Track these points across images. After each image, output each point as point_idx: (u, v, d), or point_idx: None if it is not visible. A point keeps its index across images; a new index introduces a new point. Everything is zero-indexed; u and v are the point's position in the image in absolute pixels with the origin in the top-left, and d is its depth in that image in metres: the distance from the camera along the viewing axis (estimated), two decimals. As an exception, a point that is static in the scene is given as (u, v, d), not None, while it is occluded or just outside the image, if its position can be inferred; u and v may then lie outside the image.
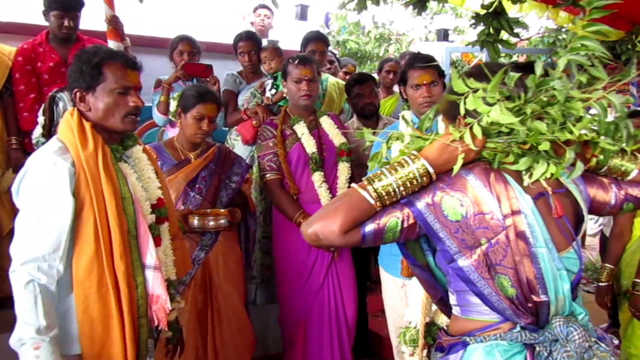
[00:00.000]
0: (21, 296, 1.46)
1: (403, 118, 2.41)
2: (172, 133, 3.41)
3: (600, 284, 2.68)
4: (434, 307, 1.57)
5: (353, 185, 1.27)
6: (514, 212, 1.19)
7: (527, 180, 1.25)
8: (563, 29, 5.30)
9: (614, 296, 2.68)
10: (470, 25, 3.12)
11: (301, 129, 2.73)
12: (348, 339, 2.78)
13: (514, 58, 5.69)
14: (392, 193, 1.21)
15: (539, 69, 1.21)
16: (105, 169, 1.58)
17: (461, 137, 1.22)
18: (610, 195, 1.37)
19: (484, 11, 2.89)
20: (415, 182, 1.22)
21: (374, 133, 1.42)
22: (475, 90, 1.21)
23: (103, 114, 1.63)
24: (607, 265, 2.66)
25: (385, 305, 2.54)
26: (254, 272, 3.07)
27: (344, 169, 2.75)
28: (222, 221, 2.39)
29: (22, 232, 1.51)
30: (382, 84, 4.23)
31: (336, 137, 2.80)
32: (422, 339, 1.49)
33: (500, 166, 1.26)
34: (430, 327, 1.59)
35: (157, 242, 1.72)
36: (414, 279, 1.58)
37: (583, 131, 1.26)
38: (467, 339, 1.28)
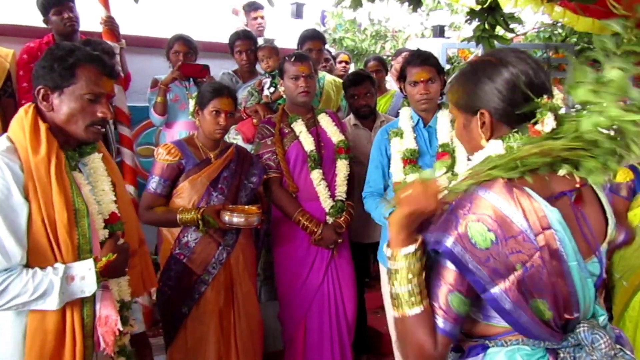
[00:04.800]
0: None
1: (404, 115, 2.46)
2: (168, 134, 3.42)
3: None
4: None
5: (394, 314, 1.18)
6: (544, 229, 1.07)
7: (563, 171, 1.16)
8: (558, 24, 5.31)
9: (607, 290, 2.67)
10: (466, 21, 3.14)
11: (299, 127, 2.73)
12: (348, 335, 2.79)
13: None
14: (414, 290, 1.12)
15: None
16: (58, 178, 1.45)
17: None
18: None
19: (479, 7, 2.90)
20: (417, 265, 1.13)
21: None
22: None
23: (66, 118, 1.51)
24: None
25: (385, 300, 2.56)
26: (259, 269, 3.08)
27: (342, 167, 2.76)
28: (255, 219, 2.34)
29: None
30: None
31: (334, 135, 2.80)
32: None
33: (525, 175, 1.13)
34: None
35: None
36: None
37: None
38: (487, 342, 1.21)
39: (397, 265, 1.14)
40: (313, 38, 3.55)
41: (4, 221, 1.37)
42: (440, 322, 1.12)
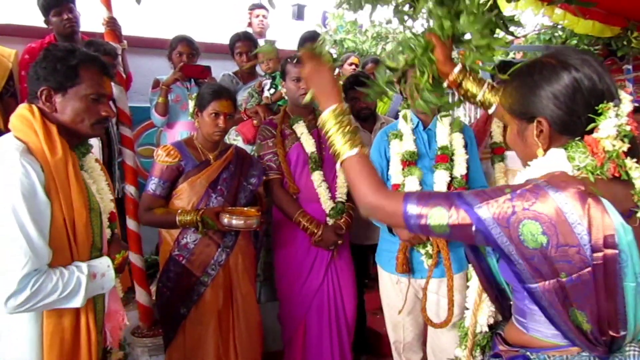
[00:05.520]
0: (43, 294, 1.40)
1: (404, 117, 2.47)
2: (169, 134, 3.43)
3: None
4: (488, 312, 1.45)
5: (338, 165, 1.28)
6: (608, 246, 0.98)
7: None
8: (559, 26, 5.32)
9: None
10: (466, 24, 3.13)
11: (300, 128, 2.74)
12: (347, 336, 2.80)
13: (511, 55, 5.70)
14: (346, 137, 1.23)
15: None
16: (77, 178, 1.50)
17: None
18: None
19: (479, 10, 2.90)
20: (343, 120, 1.25)
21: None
22: None
23: (72, 118, 1.53)
24: None
25: (383, 302, 2.56)
26: (258, 270, 3.09)
27: (342, 168, 2.76)
28: (254, 221, 2.34)
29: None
30: None
31: (335, 136, 2.80)
32: (472, 340, 1.42)
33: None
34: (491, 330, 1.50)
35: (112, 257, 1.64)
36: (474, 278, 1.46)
37: None
38: (528, 354, 1.16)
39: (327, 123, 1.25)
40: (313, 40, 3.56)
41: (32, 222, 1.37)
42: (410, 205, 1.11)
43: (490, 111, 1.56)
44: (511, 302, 1.32)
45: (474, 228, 1.05)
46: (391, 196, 1.17)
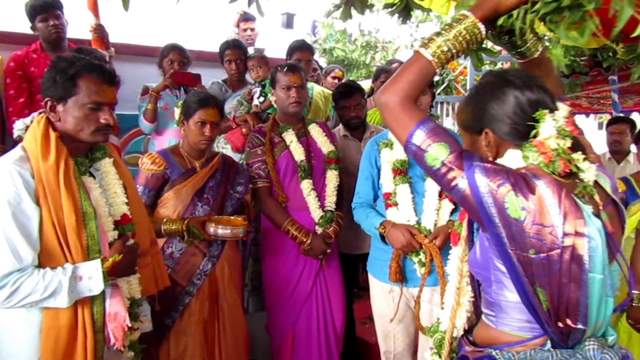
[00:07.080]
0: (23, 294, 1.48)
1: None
2: (158, 141, 3.40)
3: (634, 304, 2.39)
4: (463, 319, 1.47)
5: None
6: (578, 234, 1.11)
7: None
8: (546, 37, 5.39)
9: None
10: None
11: (290, 136, 2.73)
12: (336, 346, 2.79)
13: (498, 65, 5.76)
14: (447, 48, 1.24)
15: None
16: (66, 183, 1.56)
17: None
18: None
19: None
20: (467, 38, 1.24)
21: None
22: None
23: (72, 127, 1.62)
24: (635, 292, 2.35)
25: (374, 311, 2.55)
26: (246, 280, 3.06)
27: (332, 177, 2.76)
28: (240, 231, 2.33)
29: None
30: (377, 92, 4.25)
31: (324, 145, 2.80)
32: (448, 346, 1.43)
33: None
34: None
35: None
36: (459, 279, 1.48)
37: None
38: (494, 353, 1.23)
39: (452, 21, 1.26)
40: (302, 49, 3.57)
41: (15, 225, 1.48)
42: (423, 127, 1.21)
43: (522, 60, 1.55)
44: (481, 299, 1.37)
45: (462, 178, 1.16)
46: (411, 113, 1.23)
